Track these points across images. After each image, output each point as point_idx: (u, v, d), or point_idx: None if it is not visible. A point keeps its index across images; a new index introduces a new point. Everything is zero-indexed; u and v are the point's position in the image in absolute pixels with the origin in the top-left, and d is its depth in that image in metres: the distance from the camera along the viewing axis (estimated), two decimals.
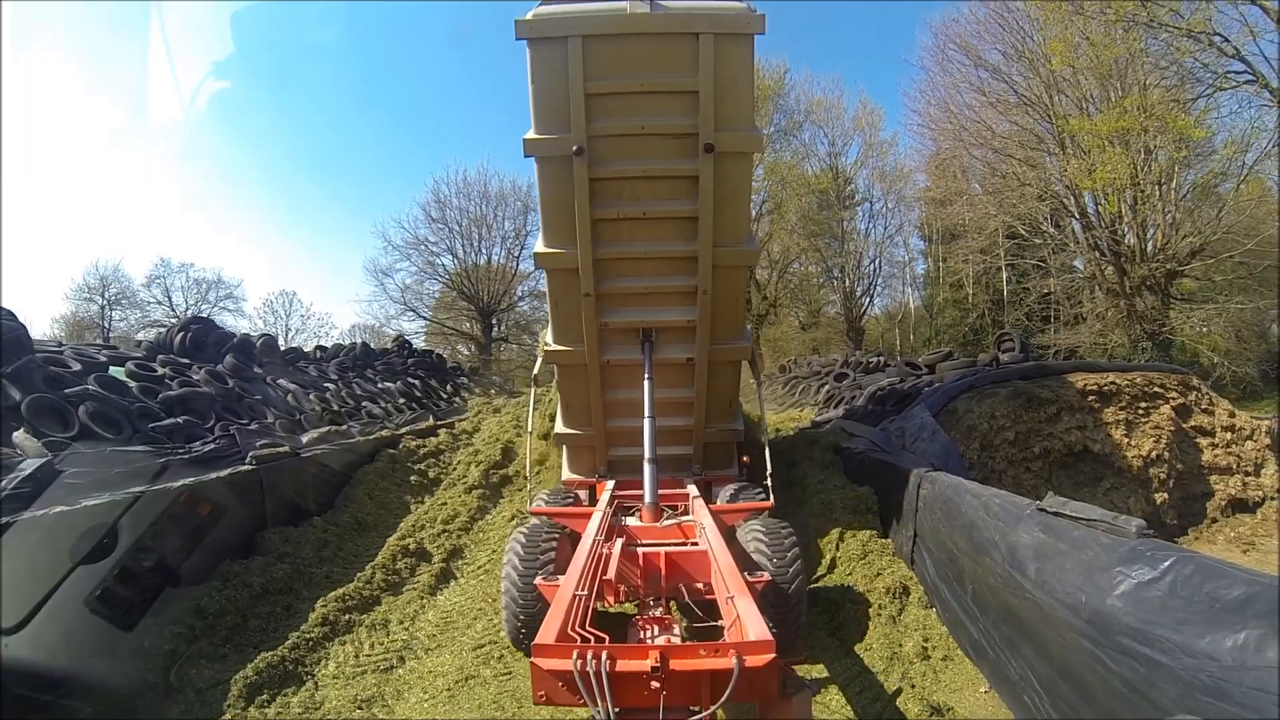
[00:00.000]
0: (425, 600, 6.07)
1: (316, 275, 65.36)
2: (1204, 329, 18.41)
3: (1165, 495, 7.49)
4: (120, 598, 4.95)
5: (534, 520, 5.64)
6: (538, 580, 4.52)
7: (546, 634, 3.01)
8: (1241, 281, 17.70)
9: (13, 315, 7.92)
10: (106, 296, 39.59)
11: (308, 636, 5.15)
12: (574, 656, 2.68)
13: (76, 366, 7.25)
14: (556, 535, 5.26)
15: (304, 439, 7.93)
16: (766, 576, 4.49)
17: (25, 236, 45.72)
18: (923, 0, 41.40)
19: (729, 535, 5.20)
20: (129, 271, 40.35)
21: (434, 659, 5.09)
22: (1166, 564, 3.04)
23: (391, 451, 9.15)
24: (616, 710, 2.59)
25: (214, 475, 6.17)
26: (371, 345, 16.50)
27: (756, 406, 7.23)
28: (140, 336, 36.13)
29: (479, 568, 6.71)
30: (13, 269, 40.82)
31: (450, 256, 36.81)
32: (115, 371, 7.78)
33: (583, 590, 3.58)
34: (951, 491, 4.90)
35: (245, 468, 6.60)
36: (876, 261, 35.09)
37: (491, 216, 36.99)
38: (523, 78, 5.31)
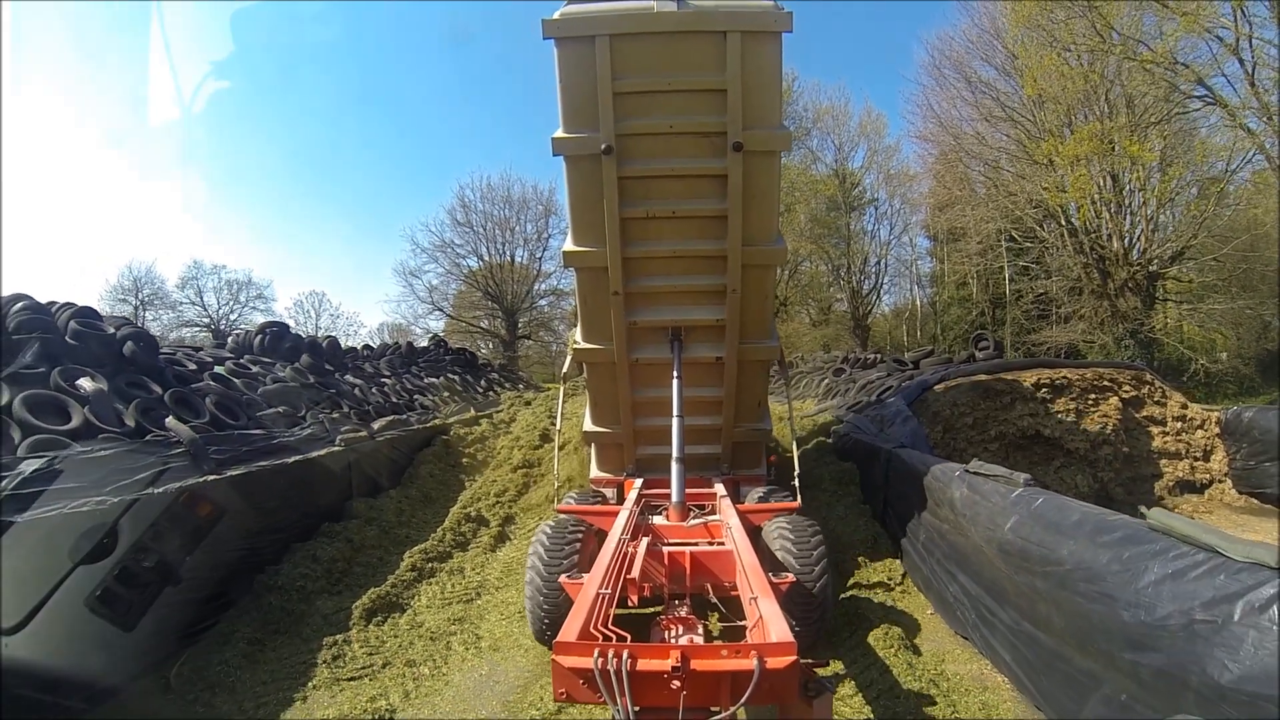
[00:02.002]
0: (489, 555, 7.43)
1: (315, 276, 66.46)
2: (1188, 326, 19.52)
3: (1112, 474, 8.71)
4: (257, 547, 6.38)
5: (560, 517, 5.75)
6: (562, 578, 4.63)
7: (568, 632, 3.04)
8: (1220, 284, 18.79)
9: (129, 320, 9.38)
10: (141, 297, 41.33)
11: (402, 579, 6.50)
12: (595, 655, 2.71)
13: (193, 366, 8.69)
14: (581, 532, 5.35)
15: (375, 426, 9.33)
16: (791, 577, 4.54)
17: (22, 238, 45.50)
18: (920, 1, 42.47)
19: (755, 535, 5.27)
20: (161, 273, 41.96)
21: (503, 594, 6.43)
22: (1036, 503, 4.34)
23: (444, 438, 10.60)
24: (636, 709, 2.62)
25: (316, 454, 7.57)
26: (414, 345, 17.95)
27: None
28: (173, 336, 37.85)
29: (529, 531, 8.04)
30: (21, 271, 41.51)
31: (475, 259, 38.58)
32: (218, 370, 9.22)
33: (606, 589, 3.62)
34: (910, 462, 6.21)
35: (336, 449, 7.98)
36: (882, 261, 36.35)
37: (514, 220, 38.71)
38: (526, 78, 5.81)
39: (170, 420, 6.93)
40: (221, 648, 5.24)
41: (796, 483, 6.39)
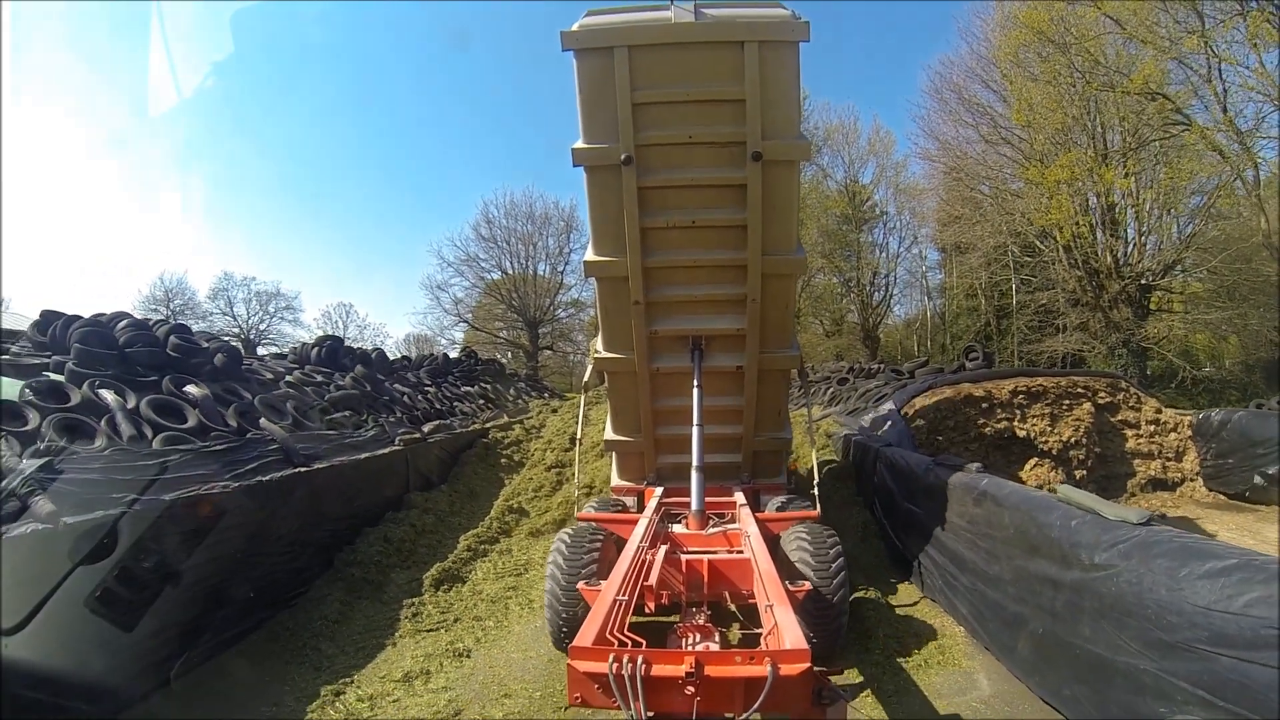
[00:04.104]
0: (531, 540, 8.56)
1: (316, 272, 67.46)
2: (1195, 335, 20.37)
3: (1085, 472, 9.67)
4: (337, 532, 7.54)
5: (579, 525, 5.82)
6: (580, 585, 4.62)
7: (584, 637, 3.06)
8: (1218, 292, 19.64)
9: (215, 335, 10.65)
10: (172, 307, 42.92)
11: (460, 557, 7.66)
12: (610, 659, 2.72)
13: (269, 375, 9.94)
14: (600, 540, 5.36)
15: (425, 429, 10.52)
16: (808, 585, 4.53)
17: (21, 239, 45.47)
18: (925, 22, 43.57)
19: (775, 544, 5.27)
20: (193, 284, 43.61)
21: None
22: (983, 484, 5.40)
23: (484, 441, 11.84)
24: (650, 714, 2.62)
25: (381, 452, 8.75)
26: (449, 356, 19.24)
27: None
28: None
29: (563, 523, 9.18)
30: (20, 271, 41.95)
31: (499, 272, 40.23)
32: (288, 379, 10.46)
33: (624, 595, 3.64)
34: (894, 458, 7.28)
35: (396, 448, 9.16)
36: (891, 274, 37.38)
37: (536, 235, 40.37)
38: (524, 84, 6.03)
39: (264, 421, 8.16)
40: (319, 606, 6.38)
41: (816, 491, 6.47)
